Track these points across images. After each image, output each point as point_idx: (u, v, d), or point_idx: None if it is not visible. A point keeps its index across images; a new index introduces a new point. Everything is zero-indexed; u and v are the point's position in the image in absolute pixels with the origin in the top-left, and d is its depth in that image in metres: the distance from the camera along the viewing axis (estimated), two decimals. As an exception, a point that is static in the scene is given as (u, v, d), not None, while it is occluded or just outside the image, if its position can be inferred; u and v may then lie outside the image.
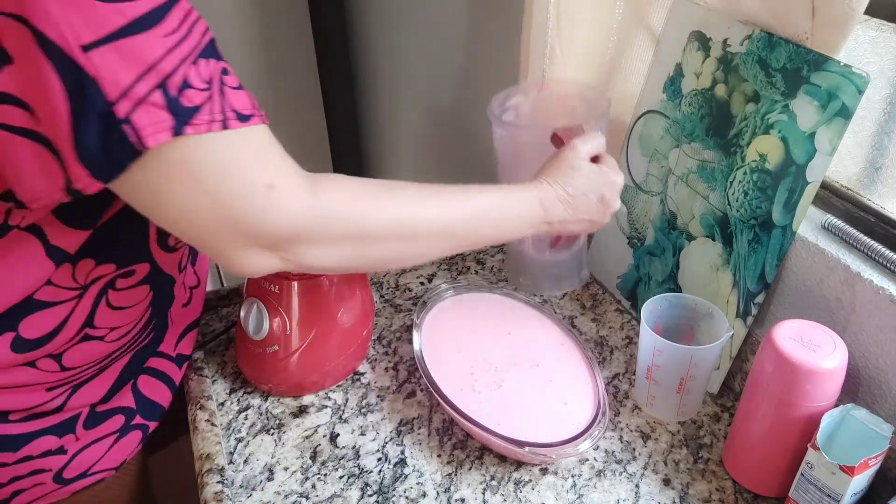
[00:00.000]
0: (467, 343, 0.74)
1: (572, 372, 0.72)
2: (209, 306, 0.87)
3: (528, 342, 0.75)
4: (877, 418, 0.57)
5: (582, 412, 0.67)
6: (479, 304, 0.80)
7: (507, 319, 0.78)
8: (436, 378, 0.69)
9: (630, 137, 0.85)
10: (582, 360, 0.73)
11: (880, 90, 0.64)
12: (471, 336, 0.75)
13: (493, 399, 0.68)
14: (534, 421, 0.66)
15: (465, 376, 0.70)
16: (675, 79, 0.78)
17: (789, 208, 0.65)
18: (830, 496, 0.56)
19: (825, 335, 0.59)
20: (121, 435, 0.69)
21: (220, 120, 0.47)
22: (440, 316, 0.77)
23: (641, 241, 0.85)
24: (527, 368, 0.72)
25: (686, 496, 0.65)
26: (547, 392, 0.69)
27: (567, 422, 0.66)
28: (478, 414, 0.66)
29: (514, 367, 0.72)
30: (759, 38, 0.67)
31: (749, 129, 0.69)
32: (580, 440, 0.64)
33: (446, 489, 0.66)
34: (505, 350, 0.74)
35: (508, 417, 0.66)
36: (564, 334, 0.76)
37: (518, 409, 0.68)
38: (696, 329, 0.73)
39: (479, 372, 0.71)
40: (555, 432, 0.65)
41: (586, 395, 0.69)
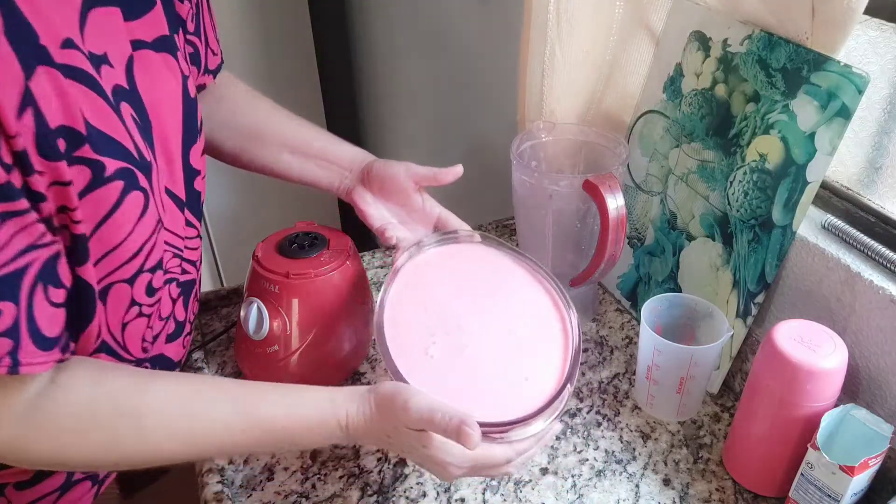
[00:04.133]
0: (441, 301, 0.65)
1: (548, 347, 0.63)
2: (209, 306, 0.87)
3: (511, 307, 0.66)
4: (877, 418, 0.57)
5: (541, 391, 0.59)
6: (472, 259, 0.70)
7: (498, 280, 0.68)
8: (388, 336, 0.61)
9: (630, 137, 0.85)
10: (562, 337, 0.63)
11: (880, 90, 0.64)
12: (448, 294, 0.66)
13: (445, 366, 0.60)
14: (483, 395, 0.59)
15: (423, 337, 0.62)
16: (675, 79, 0.78)
17: (789, 208, 0.65)
18: (830, 496, 0.56)
19: (825, 335, 0.59)
20: (62, 492, 0.65)
21: None
22: (422, 269, 0.68)
23: (641, 241, 0.85)
24: (499, 335, 0.63)
25: (686, 496, 0.65)
26: (511, 365, 0.61)
27: (520, 400, 0.58)
28: (418, 380, 0.58)
29: (486, 333, 0.63)
30: (759, 38, 0.67)
31: (749, 129, 0.69)
32: (523, 424, 0.56)
33: (446, 489, 0.66)
34: (482, 313, 0.65)
35: (454, 388, 0.58)
36: (554, 308, 0.66)
37: (471, 379, 0.60)
38: (696, 329, 0.73)
39: (440, 334, 0.62)
40: (502, 411, 0.56)
41: (552, 373, 0.60)
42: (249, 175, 0.80)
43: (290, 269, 0.70)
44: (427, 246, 0.69)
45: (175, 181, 0.61)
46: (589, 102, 0.88)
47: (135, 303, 0.59)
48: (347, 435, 0.55)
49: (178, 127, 0.61)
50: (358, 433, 0.55)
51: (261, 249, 0.73)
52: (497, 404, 0.58)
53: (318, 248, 0.72)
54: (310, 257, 0.71)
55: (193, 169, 0.64)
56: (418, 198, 0.72)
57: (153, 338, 0.64)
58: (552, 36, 0.80)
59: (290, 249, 0.72)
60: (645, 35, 0.82)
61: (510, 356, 0.62)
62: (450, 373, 0.60)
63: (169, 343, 0.68)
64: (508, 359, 0.62)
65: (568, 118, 0.86)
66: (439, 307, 0.65)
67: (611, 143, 0.81)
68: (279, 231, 0.76)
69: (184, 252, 0.66)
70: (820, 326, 0.60)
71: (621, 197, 0.71)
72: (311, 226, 0.76)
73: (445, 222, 0.73)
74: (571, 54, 0.81)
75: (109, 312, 0.57)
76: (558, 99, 0.85)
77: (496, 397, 0.59)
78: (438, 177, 0.70)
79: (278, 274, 0.70)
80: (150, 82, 0.56)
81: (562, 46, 0.81)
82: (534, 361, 0.62)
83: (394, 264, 0.66)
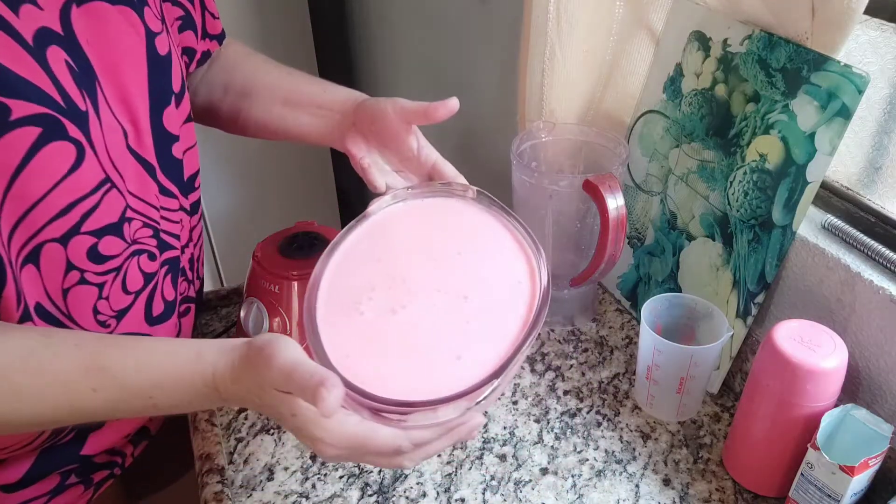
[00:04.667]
0: (399, 255, 0.58)
1: (502, 327, 0.52)
2: (209, 306, 0.87)
3: (478, 273, 0.57)
4: (877, 418, 0.57)
5: (469, 375, 0.48)
6: (455, 215, 0.62)
7: (474, 242, 0.60)
8: (325, 282, 0.54)
9: (630, 137, 0.85)
10: (522, 321, 0.53)
11: (880, 90, 0.64)
12: (410, 248, 0.59)
13: (371, 325, 0.52)
14: (401, 367, 0.50)
15: (362, 290, 0.54)
16: (675, 79, 0.78)
17: (789, 208, 0.65)
18: (830, 496, 0.56)
19: (825, 335, 0.59)
20: (53, 495, 0.64)
21: None
22: (395, 218, 0.61)
23: (641, 241, 0.85)
24: (449, 299, 0.55)
25: (686, 496, 0.65)
26: (449, 337, 0.52)
27: (442, 380, 0.49)
28: (333, 334, 0.51)
29: (435, 293, 0.55)
30: (759, 38, 0.67)
31: (749, 129, 0.69)
32: (427, 408, 0.47)
33: (446, 489, 0.66)
34: (440, 274, 0.57)
35: (370, 352, 0.50)
36: (529, 284, 0.56)
37: (394, 346, 0.52)
38: (696, 329, 0.73)
39: (381, 289, 0.55)
40: (415, 388, 0.48)
41: (492, 358, 0.50)
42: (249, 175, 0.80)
43: (290, 269, 0.70)
44: (410, 195, 0.62)
45: (142, 144, 0.59)
46: (589, 102, 0.87)
47: (73, 267, 0.55)
48: (219, 396, 0.48)
49: (142, 86, 0.58)
50: (228, 394, 0.48)
51: (261, 249, 0.73)
52: (413, 380, 0.49)
53: (318, 248, 0.72)
54: (310, 257, 0.71)
55: (168, 133, 0.62)
56: (412, 141, 0.64)
57: (118, 312, 0.60)
58: (552, 36, 0.80)
59: (290, 249, 0.72)
60: (645, 35, 0.82)
61: (451, 327, 0.53)
62: (373, 333, 0.52)
63: (157, 324, 0.65)
64: (448, 330, 0.53)
65: (568, 118, 0.86)
66: (395, 261, 0.57)
67: (611, 143, 0.82)
68: (279, 231, 0.76)
69: (160, 223, 0.62)
70: (820, 326, 0.60)
71: (621, 197, 0.71)
72: (310, 226, 0.76)
73: (440, 172, 0.65)
74: (571, 54, 0.81)
75: (45, 275, 0.53)
76: (558, 99, 0.85)
77: (416, 372, 0.50)
78: (429, 112, 0.60)
79: (278, 274, 0.70)
80: (102, 34, 0.54)
81: (562, 46, 0.81)
82: (477, 339, 0.52)
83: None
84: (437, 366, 0.50)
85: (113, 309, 0.60)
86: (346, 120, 0.66)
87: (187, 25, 0.68)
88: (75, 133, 0.51)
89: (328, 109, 0.68)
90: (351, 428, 0.46)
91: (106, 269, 0.58)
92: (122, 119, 0.56)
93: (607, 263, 0.75)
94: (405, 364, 0.51)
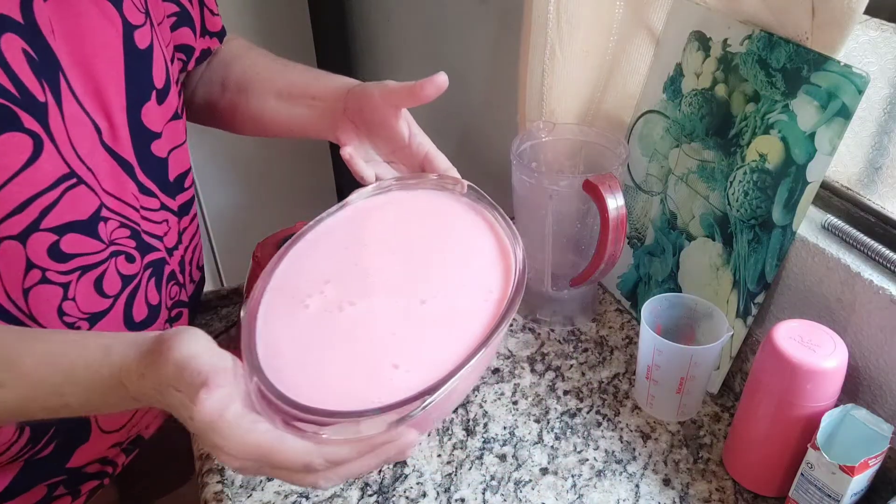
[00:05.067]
0: (367, 247, 0.54)
1: (455, 340, 0.47)
2: (209, 306, 0.87)
3: (447, 275, 0.52)
4: (877, 418, 0.57)
5: (402, 388, 0.43)
6: (439, 210, 0.57)
7: (453, 241, 0.55)
8: (282, 267, 0.51)
9: (630, 137, 0.85)
10: (479, 336, 0.47)
11: (880, 90, 0.64)
12: (381, 242, 0.55)
13: (312, 320, 0.48)
14: (333, 372, 0.45)
15: (315, 282, 0.50)
16: (675, 79, 0.78)
17: (789, 208, 0.65)
18: (830, 496, 0.56)
19: (825, 335, 0.59)
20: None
21: None
22: (373, 210, 0.57)
23: (641, 241, 0.85)
24: (405, 301, 0.50)
25: (686, 496, 0.65)
26: (392, 343, 0.47)
27: (372, 390, 0.44)
28: (269, 330, 0.47)
29: (393, 293, 0.50)
30: (759, 38, 0.67)
31: (749, 129, 0.69)
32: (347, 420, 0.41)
33: (446, 489, 0.66)
34: (404, 270, 0.52)
35: (304, 352, 0.46)
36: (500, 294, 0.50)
37: (331, 346, 0.47)
38: (696, 329, 0.73)
39: (335, 282, 0.50)
40: (344, 397, 0.43)
41: (434, 372, 0.44)
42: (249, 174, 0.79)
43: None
44: (395, 187, 0.58)
45: (118, 140, 0.57)
46: (589, 102, 0.88)
47: (34, 265, 0.52)
48: (127, 393, 0.44)
49: (118, 80, 0.56)
50: (135, 391, 0.44)
51: (261, 249, 0.73)
52: (342, 387, 0.44)
53: (318, 248, 0.72)
54: (310, 257, 0.71)
55: (148, 130, 0.59)
56: (402, 127, 0.60)
57: (91, 315, 0.58)
58: (552, 36, 0.80)
59: (289, 249, 0.72)
60: (645, 35, 0.82)
61: (396, 332, 0.48)
62: (313, 330, 0.47)
63: (140, 329, 0.63)
64: (392, 335, 0.48)
65: (568, 118, 0.86)
66: (362, 253, 0.53)
67: (611, 143, 0.82)
68: (279, 231, 0.76)
69: (141, 224, 0.60)
70: (820, 326, 0.60)
71: (621, 197, 0.71)
72: (310, 226, 0.76)
73: (432, 163, 0.61)
74: (571, 54, 0.81)
75: (3, 274, 0.51)
76: (558, 99, 0.85)
77: (347, 378, 0.45)
78: (415, 91, 0.56)
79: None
80: (74, 26, 0.52)
81: (562, 46, 0.81)
82: (422, 348, 0.47)
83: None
84: (371, 374, 0.45)
85: (83, 311, 0.58)
86: (338, 108, 0.63)
87: (183, 22, 0.66)
88: (31, 125, 0.48)
89: (321, 99, 0.65)
90: (255, 437, 0.40)
91: (70, 269, 0.55)
92: (95, 114, 0.54)
93: (607, 263, 0.75)
94: (337, 369, 0.46)
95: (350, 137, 0.61)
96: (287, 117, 0.68)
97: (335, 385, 0.44)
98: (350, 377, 0.45)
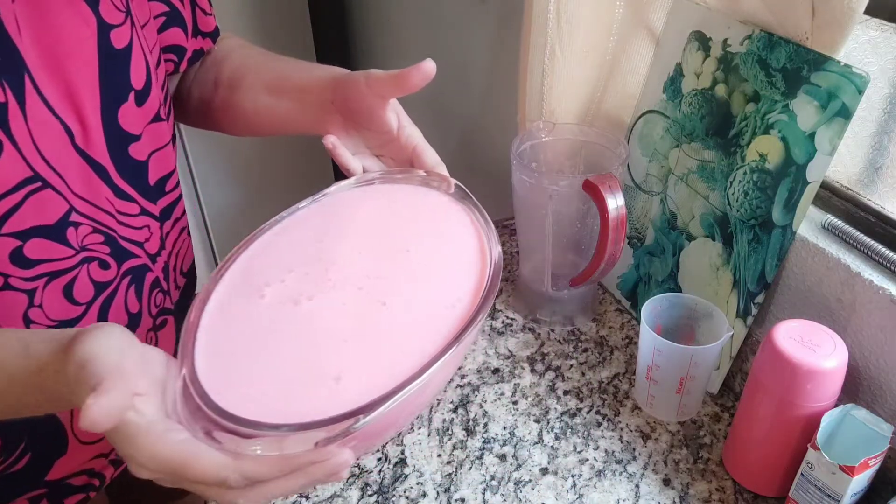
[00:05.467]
0: (339, 241, 0.51)
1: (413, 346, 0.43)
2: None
3: (414, 275, 0.49)
4: (877, 418, 0.57)
5: (343, 401, 0.39)
6: (420, 209, 0.55)
7: (429, 242, 0.52)
8: (247, 254, 0.49)
9: (630, 137, 0.85)
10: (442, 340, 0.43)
11: (880, 90, 0.64)
12: (356, 237, 0.52)
13: (265, 313, 0.45)
14: (272, 377, 0.42)
15: (278, 271, 0.48)
16: (675, 79, 0.78)
17: (789, 208, 0.65)
18: (830, 496, 0.56)
19: (825, 335, 0.59)
20: None
21: None
22: (352, 203, 0.55)
23: (641, 241, 0.85)
24: (365, 302, 0.46)
25: (686, 496, 0.65)
26: (338, 351, 0.44)
27: (311, 402, 0.40)
28: (215, 323, 0.44)
29: (354, 291, 0.47)
30: (759, 38, 0.67)
31: (749, 129, 0.69)
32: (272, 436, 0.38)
33: (446, 489, 0.66)
34: (372, 268, 0.49)
35: (247, 351, 0.43)
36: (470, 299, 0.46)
37: (277, 347, 0.43)
38: (696, 329, 0.73)
39: (299, 273, 0.48)
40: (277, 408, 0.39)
41: (376, 388, 0.40)
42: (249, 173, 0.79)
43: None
44: (378, 179, 0.56)
45: (92, 144, 0.55)
46: (589, 102, 0.88)
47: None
48: (45, 396, 0.42)
49: (92, 81, 0.54)
50: (52, 391, 0.41)
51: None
52: (277, 397, 0.40)
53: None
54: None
55: (125, 133, 0.58)
56: (390, 118, 0.57)
57: (60, 323, 0.56)
58: (552, 36, 0.80)
59: (289, 249, 0.71)
60: (645, 35, 0.82)
61: (348, 339, 0.44)
62: (260, 324, 0.44)
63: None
64: (344, 341, 0.44)
65: (568, 118, 0.87)
66: (332, 246, 0.50)
67: (611, 143, 0.82)
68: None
69: (117, 229, 0.58)
70: (820, 326, 0.60)
71: (621, 197, 0.71)
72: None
73: (420, 157, 0.58)
74: (571, 54, 0.82)
75: None
76: (558, 99, 0.85)
77: (284, 387, 0.41)
78: (401, 80, 0.54)
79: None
80: (45, 26, 0.50)
81: (562, 46, 0.81)
82: (369, 359, 0.43)
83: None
84: (310, 384, 0.41)
85: (51, 318, 0.55)
86: (326, 99, 0.60)
87: (173, 22, 0.64)
88: None
89: (310, 92, 0.62)
90: (167, 448, 0.37)
91: (35, 275, 0.53)
92: (67, 116, 0.53)
93: (607, 263, 0.75)
94: (275, 374, 0.42)
95: (338, 129, 0.59)
96: (278, 112, 0.65)
97: (269, 393, 0.40)
98: (287, 386, 0.41)
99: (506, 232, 0.98)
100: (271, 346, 0.43)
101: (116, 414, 0.36)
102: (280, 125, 0.66)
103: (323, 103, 0.61)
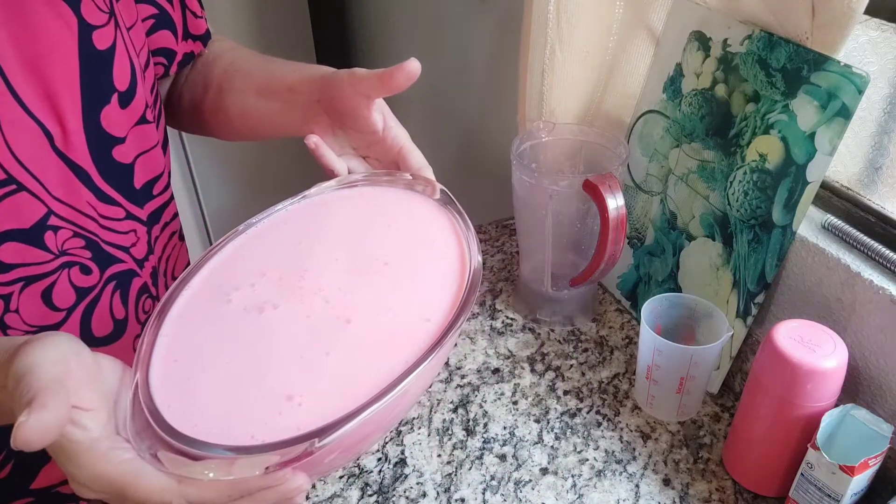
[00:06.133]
0: (315, 245, 0.49)
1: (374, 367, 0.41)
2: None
3: (387, 290, 0.46)
4: (877, 418, 0.57)
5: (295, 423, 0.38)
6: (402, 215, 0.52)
7: (406, 251, 0.49)
8: (222, 257, 0.48)
9: (630, 137, 0.85)
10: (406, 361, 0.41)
11: (880, 90, 0.64)
12: (332, 241, 0.50)
13: (228, 320, 0.43)
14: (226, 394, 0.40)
15: (248, 275, 0.46)
16: (675, 79, 0.78)
17: (789, 208, 0.65)
18: (830, 496, 0.56)
19: (825, 335, 0.59)
20: None
21: None
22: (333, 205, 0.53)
23: (641, 241, 0.85)
24: (329, 316, 0.44)
25: (686, 496, 0.65)
26: (297, 372, 0.41)
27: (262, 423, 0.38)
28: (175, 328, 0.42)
29: (320, 303, 0.45)
30: (759, 38, 0.67)
31: (749, 129, 0.69)
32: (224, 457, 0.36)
33: (446, 489, 0.66)
34: (344, 279, 0.46)
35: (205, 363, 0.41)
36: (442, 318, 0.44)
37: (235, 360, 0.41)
38: (696, 329, 0.73)
39: (270, 279, 0.46)
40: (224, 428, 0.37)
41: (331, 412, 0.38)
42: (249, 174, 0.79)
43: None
44: (361, 182, 0.54)
45: (71, 145, 0.53)
46: (589, 102, 0.88)
47: None
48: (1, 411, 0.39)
49: (73, 83, 0.53)
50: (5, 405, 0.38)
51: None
52: (228, 415, 0.38)
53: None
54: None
55: (108, 135, 0.56)
56: (375, 118, 0.55)
57: (39, 328, 0.54)
58: (552, 36, 0.80)
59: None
60: (645, 35, 0.82)
61: (305, 356, 0.42)
62: (220, 333, 0.42)
63: (104, 345, 0.59)
64: (300, 357, 0.42)
65: (568, 118, 0.87)
66: (307, 251, 0.49)
67: (611, 143, 0.82)
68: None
69: (100, 234, 0.56)
70: (820, 326, 0.60)
71: (621, 197, 0.71)
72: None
73: (405, 159, 0.56)
74: (571, 54, 0.82)
75: None
76: (558, 99, 0.85)
77: (238, 405, 0.39)
78: (385, 79, 0.52)
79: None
80: (22, 26, 0.49)
81: (562, 46, 0.81)
82: (327, 379, 0.40)
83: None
84: (263, 402, 0.39)
85: (29, 324, 0.53)
86: (313, 99, 0.59)
87: (163, 25, 0.63)
88: None
89: (298, 91, 0.60)
90: (111, 467, 0.35)
91: (11, 279, 0.51)
92: (45, 118, 0.51)
93: (607, 263, 0.75)
94: (230, 389, 0.39)
95: (323, 129, 0.58)
96: (267, 114, 0.63)
97: (222, 409, 0.38)
98: (240, 402, 0.39)
99: (506, 232, 0.98)
100: (228, 357, 0.41)
101: (52, 431, 0.33)
102: (269, 127, 0.65)
103: (310, 103, 0.59)
